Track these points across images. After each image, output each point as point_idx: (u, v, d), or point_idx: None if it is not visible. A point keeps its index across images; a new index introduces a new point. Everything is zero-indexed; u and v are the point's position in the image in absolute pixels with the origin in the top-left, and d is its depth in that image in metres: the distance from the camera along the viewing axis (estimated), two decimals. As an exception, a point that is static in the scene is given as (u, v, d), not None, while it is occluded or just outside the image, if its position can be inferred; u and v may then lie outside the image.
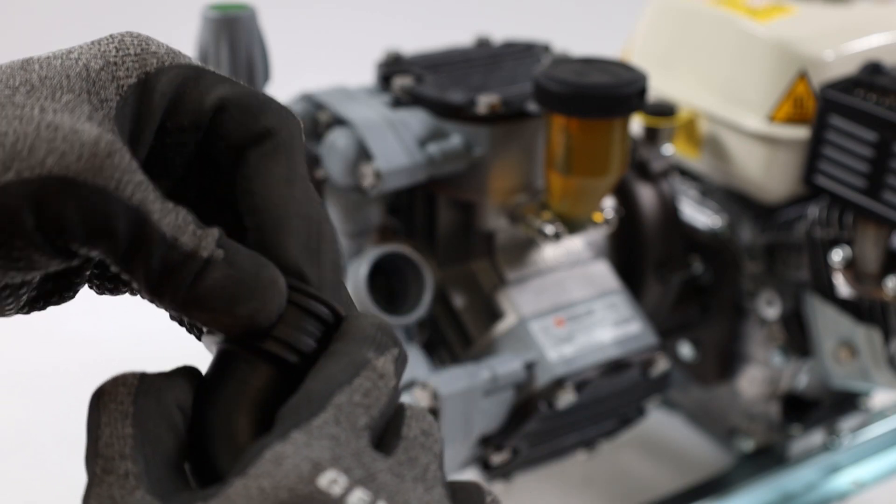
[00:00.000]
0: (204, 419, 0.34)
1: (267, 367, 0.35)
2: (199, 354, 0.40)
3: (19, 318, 0.38)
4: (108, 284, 0.39)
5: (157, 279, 0.33)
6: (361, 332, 0.35)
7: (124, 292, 0.39)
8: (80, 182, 0.31)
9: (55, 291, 0.38)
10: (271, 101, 0.39)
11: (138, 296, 0.37)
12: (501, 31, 1.15)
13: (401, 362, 0.36)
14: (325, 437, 0.32)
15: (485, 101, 0.83)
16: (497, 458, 0.88)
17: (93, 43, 0.36)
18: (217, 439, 0.34)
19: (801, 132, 0.92)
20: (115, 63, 0.36)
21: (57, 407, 1.12)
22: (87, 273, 0.39)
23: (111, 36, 0.37)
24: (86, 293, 0.40)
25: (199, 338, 0.38)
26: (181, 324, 0.39)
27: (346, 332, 0.36)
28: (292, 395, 0.35)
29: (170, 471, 0.32)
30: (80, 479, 0.34)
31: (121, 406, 0.33)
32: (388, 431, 0.35)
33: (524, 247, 0.91)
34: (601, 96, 0.79)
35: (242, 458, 0.31)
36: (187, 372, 0.36)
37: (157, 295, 0.34)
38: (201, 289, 0.33)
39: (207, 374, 0.36)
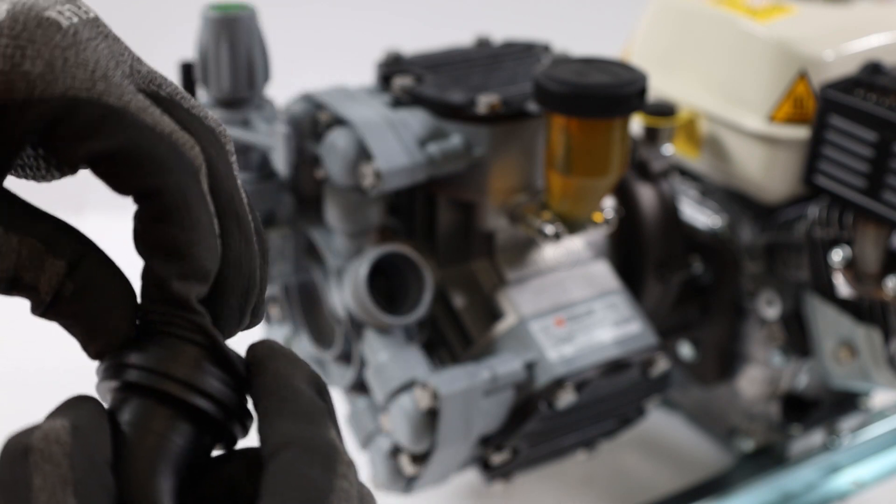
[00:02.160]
0: (125, 483, 0.31)
1: (177, 416, 0.33)
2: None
3: (19, 317, 0.38)
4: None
5: None
6: (296, 393, 0.33)
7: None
8: None
9: None
10: (157, 148, 0.32)
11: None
12: (501, 31, 1.15)
13: (333, 407, 0.34)
14: None
15: (485, 101, 0.83)
16: (497, 458, 0.88)
17: None
18: None
19: (801, 132, 0.92)
20: None
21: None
22: None
23: None
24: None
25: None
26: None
27: (278, 390, 0.33)
28: (212, 450, 0.33)
29: None
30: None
31: (58, 469, 0.28)
32: None
33: (524, 247, 0.91)
34: (601, 96, 0.79)
35: None
36: (100, 413, 0.32)
37: None
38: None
39: (122, 422, 0.32)
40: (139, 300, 0.35)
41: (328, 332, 0.96)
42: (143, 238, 0.33)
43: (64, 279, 0.33)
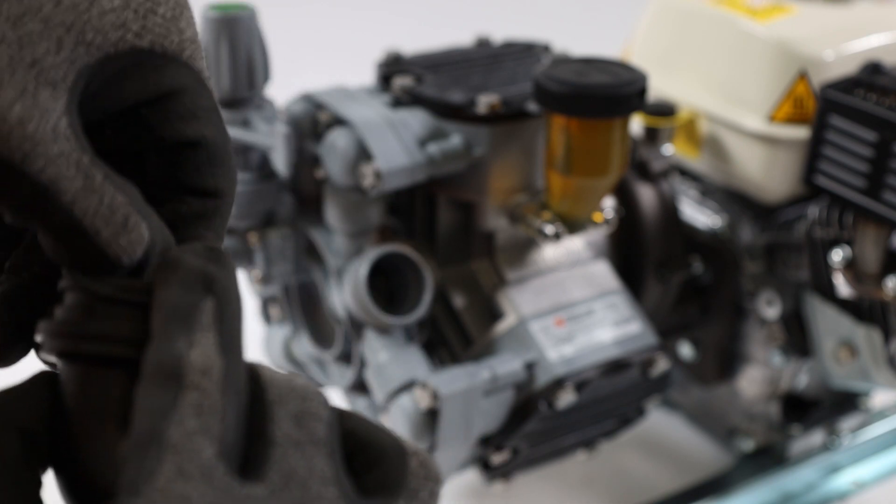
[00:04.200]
0: (72, 441, 0.30)
1: (110, 371, 0.31)
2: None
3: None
4: None
5: (58, 252, 0.30)
6: (164, 303, 0.29)
7: None
8: None
9: None
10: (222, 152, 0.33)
11: None
12: (501, 31, 1.15)
13: (229, 309, 0.29)
14: (176, 500, 0.26)
15: (485, 101, 0.83)
16: (497, 458, 0.88)
17: None
18: (88, 462, 0.30)
19: (801, 132, 0.92)
20: (137, 12, 0.31)
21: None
22: None
23: None
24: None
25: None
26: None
27: (153, 308, 0.29)
28: None
29: None
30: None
31: None
32: (251, 436, 0.29)
33: (524, 247, 0.91)
34: (601, 96, 0.79)
35: None
36: (40, 383, 0.31)
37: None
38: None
39: (64, 393, 0.31)
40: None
41: (328, 332, 0.96)
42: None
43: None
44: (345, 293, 0.86)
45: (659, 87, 1.02)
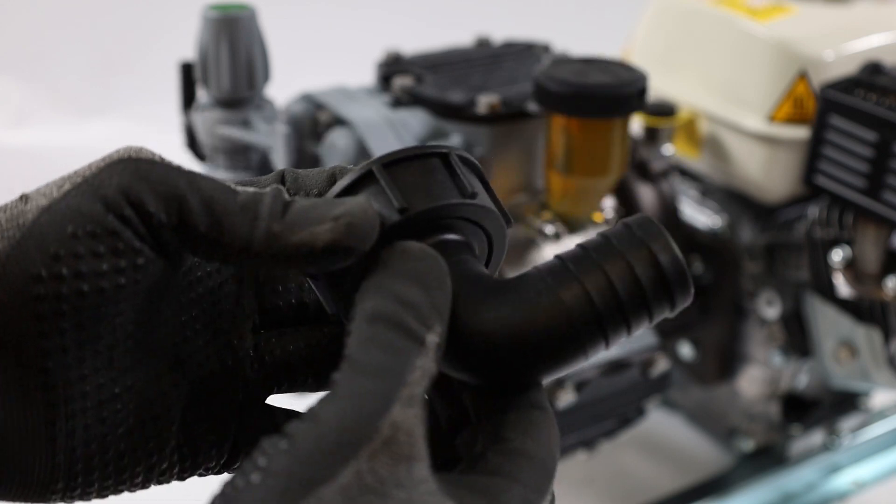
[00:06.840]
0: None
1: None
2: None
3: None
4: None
5: (244, 231, 0.32)
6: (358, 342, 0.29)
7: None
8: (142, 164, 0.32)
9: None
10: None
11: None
12: (501, 31, 1.15)
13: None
14: None
15: (485, 101, 0.83)
16: (497, 458, 0.87)
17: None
18: None
19: (801, 132, 0.92)
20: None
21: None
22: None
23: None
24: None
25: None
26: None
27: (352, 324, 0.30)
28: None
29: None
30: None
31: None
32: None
33: (524, 247, 0.91)
34: (601, 96, 0.79)
35: None
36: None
37: (253, 250, 0.32)
38: (290, 216, 0.32)
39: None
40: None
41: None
42: None
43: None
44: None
45: (659, 87, 1.02)
